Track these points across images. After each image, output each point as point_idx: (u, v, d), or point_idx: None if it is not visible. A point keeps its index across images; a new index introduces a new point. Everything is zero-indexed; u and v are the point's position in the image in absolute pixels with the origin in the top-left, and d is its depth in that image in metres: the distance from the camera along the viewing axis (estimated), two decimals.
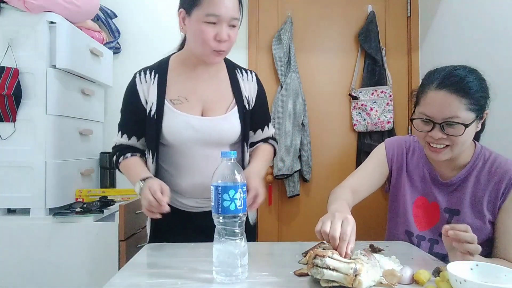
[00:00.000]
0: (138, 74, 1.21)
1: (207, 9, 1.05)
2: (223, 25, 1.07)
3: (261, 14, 2.48)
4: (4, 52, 1.52)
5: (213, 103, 1.18)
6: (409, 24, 2.48)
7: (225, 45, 1.10)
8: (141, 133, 1.21)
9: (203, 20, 1.06)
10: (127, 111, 1.22)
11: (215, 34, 1.07)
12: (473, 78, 1.01)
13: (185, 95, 1.17)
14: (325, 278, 0.73)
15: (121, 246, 1.52)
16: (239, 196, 0.80)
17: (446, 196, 1.08)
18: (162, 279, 0.82)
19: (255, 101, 1.24)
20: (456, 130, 0.96)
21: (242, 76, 1.25)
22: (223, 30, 1.07)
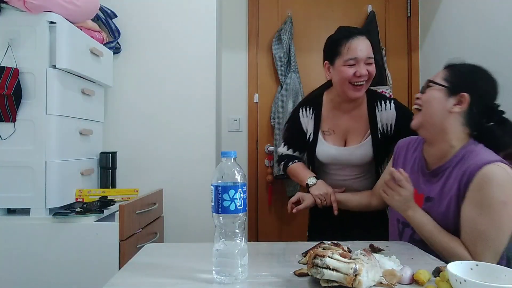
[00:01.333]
0: (301, 110, 1.57)
1: (347, 56, 1.35)
2: (361, 64, 1.34)
3: (261, 14, 2.48)
4: (4, 52, 1.52)
5: (352, 134, 1.48)
6: (409, 24, 2.49)
7: (364, 78, 1.35)
8: (302, 149, 1.61)
9: (343, 65, 1.35)
10: (292, 133, 1.61)
11: (355, 72, 1.34)
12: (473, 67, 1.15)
13: (333, 128, 1.50)
14: (325, 278, 0.73)
15: (121, 246, 1.52)
16: (239, 196, 0.80)
17: (429, 186, 1.13)
18: (162, 279, 0.82)
19: (394, 126, 1.44)
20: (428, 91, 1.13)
21: (380, 107, 1.47)
22: (361, 68, 1.34)
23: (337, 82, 1.41)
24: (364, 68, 1.34)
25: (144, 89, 2.15)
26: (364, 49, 1.35)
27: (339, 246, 0.90)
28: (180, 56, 2.15)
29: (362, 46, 1.35)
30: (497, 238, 0.96)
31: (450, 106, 1.08)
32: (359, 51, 1.34)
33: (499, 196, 0.95)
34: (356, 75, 1.34)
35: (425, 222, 1.08)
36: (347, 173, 1.50)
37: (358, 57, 1.34)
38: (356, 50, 1.34)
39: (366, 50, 1.35)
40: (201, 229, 2.08)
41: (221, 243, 0.81)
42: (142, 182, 2.08)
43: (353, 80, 1.35)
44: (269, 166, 2.45)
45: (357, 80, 1.35)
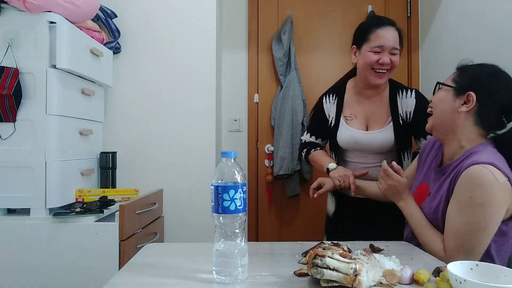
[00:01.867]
0: (324, 97, 1.63)
1: (374, 43, 1.41)
2: (386, 53, 1.41)
3: (261, 14, 2.48)
4: (4, 52, 1.52)
5: (374, 119, 1.51)
6: (409, 24, 2.49)
7: (386, 67, 1.42)
8: (324, 136, 1.66)
9: (370, 51, 1.42)
10: (316, 120, 1.66)
11: (379, 59, 1.40)
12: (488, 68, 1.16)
13: (355, 114, 1.53)
14: (325, 278, 0.73)
15: (121, 246, 1.52)
16: (239, 196, 0.80)
17: (435, 182, 1.15)
18: (162, 279, 0.82)
19: (413, 114, 1.47)
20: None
21: (401, 95, 1.50)
22: (385, 56, 1.40)
23: (361, 67, 1.47)
24: (388, 57, 1.41)
25: (144, 89, 2.15)
26: (391, 39, 1.41)
27: (339, 246, 0.90)
28: (180, 56, 2.15)
29: (390, 35, 1.41)
30: (470, 238, 0.97)
31: (458, 105, 1.08)
32: (386, 40, 1.40)
33: (478, 196, 0.95)
34: (379, 62, 1.40)
35: (414, 213, 1.15)
36: (368, 161, 1.52)
37: (384, 45, 1.40)
38: (383, 38, 1.40)
39: (393, 40, 1.41)
40: (201, 229, 2.08)
41: (221, 243, 0.81)
42: (142, 182, 2.08)
43: (376, 66, 1.42)
44: (269, 166, 2.45)
45: (379, 67, 1.41)
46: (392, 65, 1.43)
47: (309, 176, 2.36)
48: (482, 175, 0.96)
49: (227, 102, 2.49)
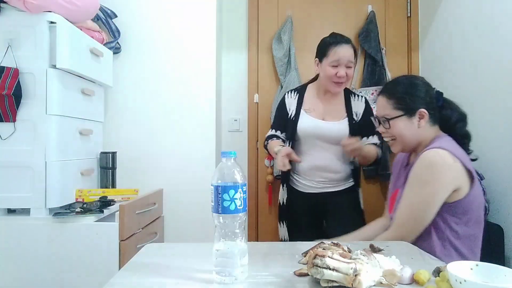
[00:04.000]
0: (286, 94, 1.87)
1: (331, 58, 1.66)
2: (342, 67, 1.66)
3: (261, 14, 2.48)
4: (4, 52, 1.52)
5: (330, 114, 1.75)
6: (409, 24, 2.49)
7: (343, 79, 1.67)
8: (284, 129, 1.83)
9: (329, 65, 1.67)
10: (277, 115, 1.88)
11: (336, 72, 1.66)
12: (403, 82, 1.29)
13: (313, 107, 1.77)
14: (325, 278, 0.73)
15: (121, 246, 1.52)
16: (239, 196, 0.80)
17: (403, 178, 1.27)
18: (162, 279, 0.82)
19: (361, 115, 1.75)
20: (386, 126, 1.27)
21: (354, 98, 1.79)
22: (342, 69, 1.66)
23: (322, 78, 1.73)
24: (344, 70, 1.66)
25: (144, 89, 2.15)
26: (346, 55, 1.65)
27: (339, 246, 0.90)
28: (180, 56, 2.15)
29: (345, 52, 1.65)
30: (412, 213, 1.12)
31: (417, 124, 1.23)
32: (341, 56, 1.65)
33: (423, 175, 1.11)
34: (337, 75, 1.66)
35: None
36: (324, 154, 1.72)
37: (339, 60, 1.65)
38: (339, 54, 1.65)
39: (348, 56, 1.66)
40: (201, 229, 2.08)
41: (221, 243, 0.81)
42: (142, 182, 2.08)
43: (334, 79, 1.67)
44: (269, 166, 2.45)
45: (337, 79, 1.67)
46: (348, 77, 1.68)
47: None
48: (430, 156, 1.11)
49: (227, 102, 2.49)
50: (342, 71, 1.65)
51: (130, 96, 2.14)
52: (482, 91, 1.79)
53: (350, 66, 1.67)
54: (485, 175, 1.68)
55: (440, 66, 2.21)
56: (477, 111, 1.82)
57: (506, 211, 1.62)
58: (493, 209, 1.68)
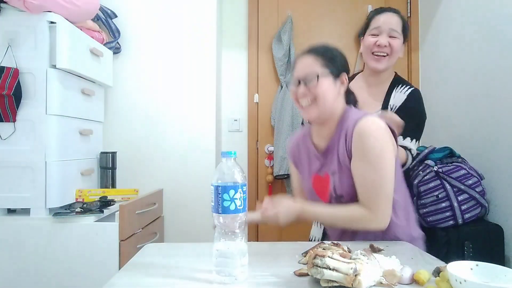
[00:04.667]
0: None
1: (372, 27, 1.44)
2: (384, 35, 1.41)
3: (261, 14, 2.48)
4: (4, 52, 1.52)
5: (368, 105, 1.44)
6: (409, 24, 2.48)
7: (384, 50, 1.41)
8: None
9: (369, 34, 1.44)
10: None
11: (376, 41, 1.41)
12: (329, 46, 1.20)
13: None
14: (325, 278, 0.73)
15: (121, 246, 1.52)
16: (239, 196, 0.80)
17: (328, 165, 1.19)
18: (162, 279, 0.82)
19: (399, 108, 1.41)
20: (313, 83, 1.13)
21: (398, 89, 1.46)
22: (383, 38, 1.41)
23: (363, 53, 1.49)
24: (385, 39, 1.40)
25: (144, 89, 2.15)
26: (388, 22, 1.42)
27: (339, 246, 0.90)
28: (180, 56, 2.15)
29: (387, 18, 1.42)
30: (385, 184, 1.06)
31: (338, 89, 1.16)
32: (382, 22, 1.42)
33: (376, 145, 1.06)
34: (377, 44, 1.41)
35: (317, 211, 1.14)
36: None
37: (380, 27, 1.41)
38: (380, 21, 1.42)
39: (391, 22, 1.41)
40: (201, 229, 2.08)
41: (221, 243, 0.81)
42: (142, 182, 2.08)
43: (375, 49, 1.42)
44: (269, 166, 2.45)
45: (378, 49, 1.41)
46: (392, 48, 1.42)
47: None
48: (371, 125, 1.07)
49: (227, 102, 2.49)
50: (383, 39, 1.40)
51: (130, 96, 2.14)
52: (482, 91, 1.79)
53: (394, 36, 1.41)
54: (485, 175, 1.68)
55: (440, 66, 2.21)
56: (477, 111, 1.82)
57: (506, 211, 1.62)
58: (493, 209, 1.68)
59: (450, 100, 2.08)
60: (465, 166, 1.63)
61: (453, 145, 1.79)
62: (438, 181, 1.60)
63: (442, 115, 2.14)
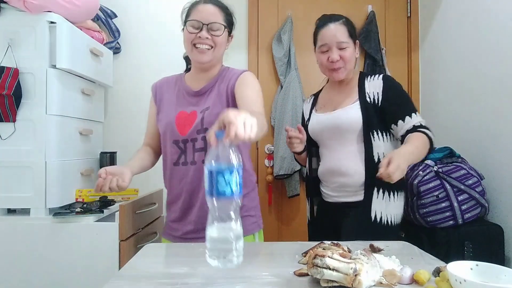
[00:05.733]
0: (304, 101, 1.72)
1: (319, 43, 1.46)
2: (333, 50, 1.41)
3: (261, 14, 2.48)
4: (4, 52, 1.52)
5: (340, 103, 1.47)
6: (409, 24, 2.48)
7: (338, 64, 1.42)
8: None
9: (319, 52, 1.46)
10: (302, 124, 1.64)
11: (327, 57, 1.42)
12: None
13: (324, 104, 1.55)
14: (325, 278, 0.73)
15: (121, 246, 1.52)
16: (234, 179, 0.76)
17: (202, 102, 1.32)
18: (162, 279, 0.82)
19: (382, 94, 1.39)
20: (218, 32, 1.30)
21: (369, 79, 1.46)
22: (333, 53, 1.41)
23: (320, 67, 1.51)
24: (336, 53, 1.41)
25: (144, 89, 2.14)
26: (333, 35, 1.42)
27: (339, 246, 0.90)
28: (180, 56, 2.15)
29: (332, 32, 1.42)
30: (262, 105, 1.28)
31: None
32: (328, 38, 1.42)
33: (255, 84, 1.31)
34: (329, 61, 1.42)
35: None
36: (343, 150, 1.42)
37: (327, 44, 1.42)
38: (325, 37, 1.43)
39: (335, 35, 1.41)
40: None
41: (215, 227, 0.78)
42: (142, 182, 2.08)
43: (328, 65, 1.43)
44: (269, 166, 2.45)
45: (331, 65, 1.43)
46: (344, 59, 1.41)
47: None
48: (251, 75, 1.35)
49: None
50: (333, 54, 1.40)
51: (130, 96, 2.14)
52: (482, 91, 1.79)
53: (344, 48, 1.41)
54: (485, 175, 1.68)
55: (440, 66, 2.21)
56: (477, 111, 1.82)
57: (506, 211, 1.62)
58: (493, 209, 1.68)
59: (450, 100, 2.08)
60: (465, 166, 1.63)
61: (453, 145, 1.79)
62: (438, 181, 1.60)
63: (442, 115, 2.14)
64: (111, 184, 1.15)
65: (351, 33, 1.45)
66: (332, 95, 1.53)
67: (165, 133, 1.35)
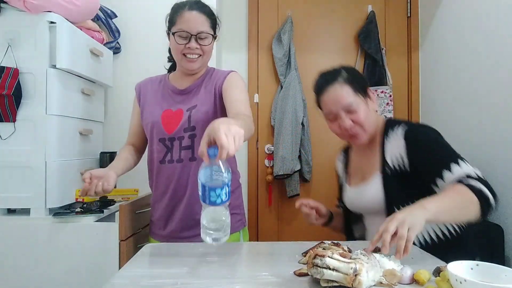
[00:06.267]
0: (339, 155, 1.49)
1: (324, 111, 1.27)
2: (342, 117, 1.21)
3: (261, 14, 2.48)
4: (4, 52, 1.52)
5: (366, 172, 1.26)
6: (409, 24, 2.49)
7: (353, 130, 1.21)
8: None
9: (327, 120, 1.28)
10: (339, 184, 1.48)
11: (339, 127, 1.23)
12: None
13: (353, 172, 1.35)
14: (325, 278, 0.73)
15: (121, 246, 1.52)
16: (224, 192, 0.85)
17: (188, 100, 1.35)
18: (162, 279, 0.82)
19: (408, 157, 1.12)
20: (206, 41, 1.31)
21: (388, 137, 1.19)
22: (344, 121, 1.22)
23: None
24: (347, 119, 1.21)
25: None
26: (336, 101, 1.20)
27: (339, 246, 0.90)
28: None
29: (333, 97, 1.21)
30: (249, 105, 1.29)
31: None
32: (330, 105, 1.21)
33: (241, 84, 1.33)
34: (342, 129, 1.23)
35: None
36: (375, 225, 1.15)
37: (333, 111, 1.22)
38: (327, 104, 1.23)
39: (339, 100, 1.19)
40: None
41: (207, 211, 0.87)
42: (142, 182, 2.07)
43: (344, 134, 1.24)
44: (269, 166, 2.45)
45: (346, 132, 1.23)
46: (359, 123, 1.20)
47: (309, 176, 2.36)
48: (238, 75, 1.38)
49: None
50: (344, 122, 1.20)
51: (130, 96, 2.13)
52: (482, 91, 1.79)
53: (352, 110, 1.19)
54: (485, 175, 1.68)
55: (440, 66, 2.21)
56: (477, 111, 1.83)
57: (506, 211, 1.62)
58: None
59: (449, 100, 2.08)
60: None
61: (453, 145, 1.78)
62: None
63: (442, 115, 2.14)
64: (96, 189, 1.15)
65: (356, 88, 1.20)
66: (358, 160, 1.33)
67: (151, 132, 1.36)
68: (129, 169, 1.39)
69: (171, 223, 1.35)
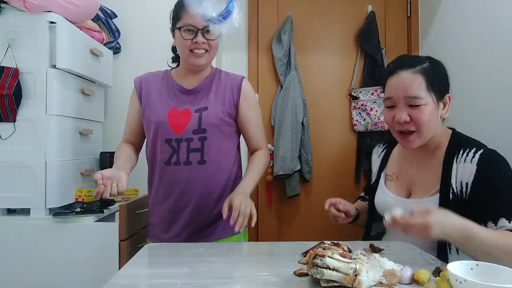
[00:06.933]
0: (377, 146, 1.42)
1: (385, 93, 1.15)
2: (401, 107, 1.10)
3: (261, 14, 2.48)
4: (4, 52, 1.52)
5: (419, 186, 1.15)
6: (409, 24, 2.48)
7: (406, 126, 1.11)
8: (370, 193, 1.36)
9: (385, 105, 1.17)
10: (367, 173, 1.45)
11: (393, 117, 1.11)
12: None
13: (397, 173, 1.23)
14: (325, 278, 0.73)
15: (121, 246, 1.52)
16: None
17: (197, 100, 1.32)
18: (162, 279, 0.82)
19: (472, 185, 1.02)
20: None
21: (459, 157, 1.07)
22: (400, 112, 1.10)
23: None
24: (404, 112, 1.11)
25: None
26: (403, 88, 1.11)
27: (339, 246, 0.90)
28: None
29: (401, 83, 1.11)
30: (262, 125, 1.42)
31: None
32: (393, 89, 1.12)
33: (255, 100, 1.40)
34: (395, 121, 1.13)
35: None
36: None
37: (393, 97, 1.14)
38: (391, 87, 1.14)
39: (406, 88, 1.10)
40: None
41: None
42: (142, 182, 2.07)
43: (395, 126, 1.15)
44: (269, 166, 2.45)
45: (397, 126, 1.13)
46: (417, 123, 1.09)
47: (309, 176, 2.36)
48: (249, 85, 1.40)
49: None
50: (400, 113, 1.10)
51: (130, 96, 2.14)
52: (482, 91, 1.79)
53: (416, 105, 1.09)
54: None
55: None
56: (477, 111, 1.82)
57: None
58: None
59: None
60: None
61: None
62: None
63: None
64: (112, 191, 1.11)
65: (432, 85, 1.07)
66: (408, 164, 1.21)
67: (155, 131, 1.31)
68: (133, 168, 1.37)
69: (175, 227, 1.30)
